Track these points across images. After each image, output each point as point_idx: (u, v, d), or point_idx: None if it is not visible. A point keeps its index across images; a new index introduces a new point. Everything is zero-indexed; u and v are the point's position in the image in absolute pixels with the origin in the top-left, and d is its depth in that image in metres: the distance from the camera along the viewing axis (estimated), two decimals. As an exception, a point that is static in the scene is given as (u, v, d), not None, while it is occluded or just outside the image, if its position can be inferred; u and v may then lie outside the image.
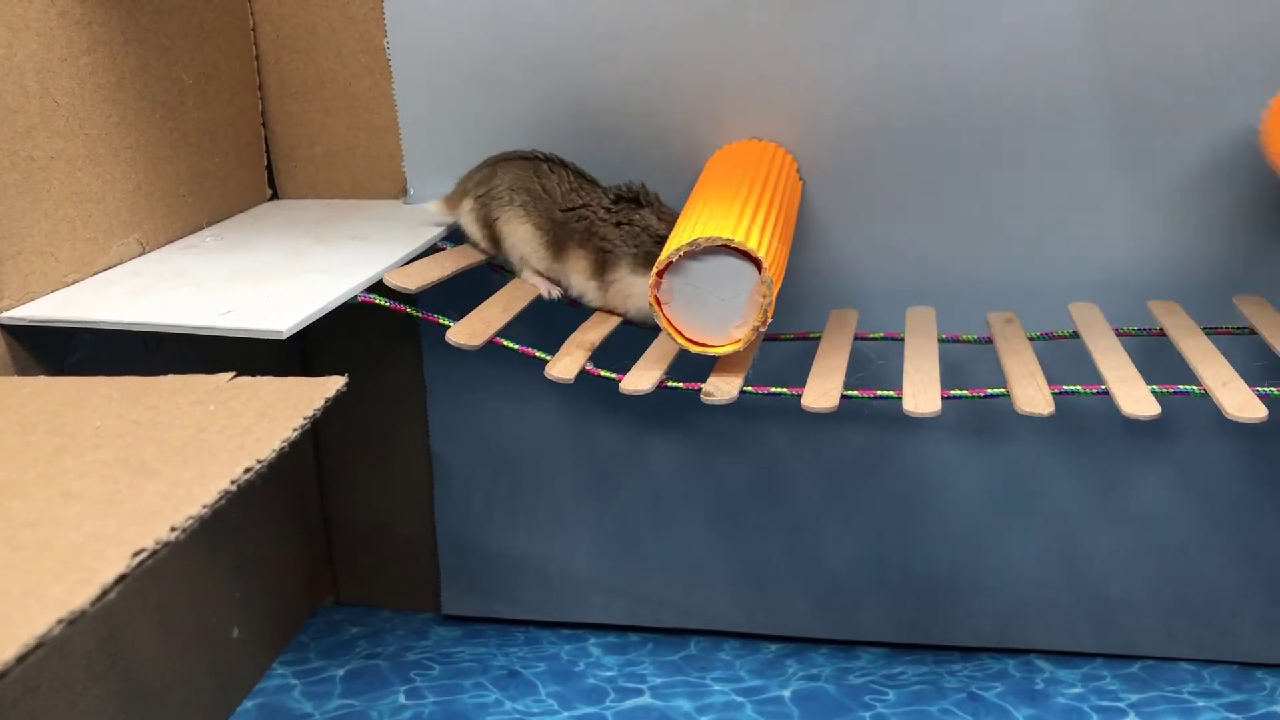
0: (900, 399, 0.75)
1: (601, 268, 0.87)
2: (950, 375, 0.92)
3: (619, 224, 0.86)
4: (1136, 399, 0.72)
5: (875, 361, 0.91)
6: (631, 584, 1.05)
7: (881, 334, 0.92)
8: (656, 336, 0.84)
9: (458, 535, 1.06)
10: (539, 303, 0.88)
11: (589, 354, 0.82)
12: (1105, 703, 0.93)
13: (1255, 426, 0.67)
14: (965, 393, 0.78)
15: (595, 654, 1.03)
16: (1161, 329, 0.84)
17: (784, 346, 0.94)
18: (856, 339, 0.89)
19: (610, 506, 1.03)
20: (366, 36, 0.94)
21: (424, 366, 1.02)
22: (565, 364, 0.80)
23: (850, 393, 0.78)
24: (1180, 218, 0.87)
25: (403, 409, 1.04)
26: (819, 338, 0.88)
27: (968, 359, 0.92)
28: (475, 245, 0.90)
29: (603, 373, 0.80)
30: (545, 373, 0.79)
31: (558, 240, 0.87)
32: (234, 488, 0.49)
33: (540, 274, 0.89)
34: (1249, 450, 0.92)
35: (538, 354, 0.82)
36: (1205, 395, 0.73)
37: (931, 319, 0.89)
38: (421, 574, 1.09)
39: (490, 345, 0.80)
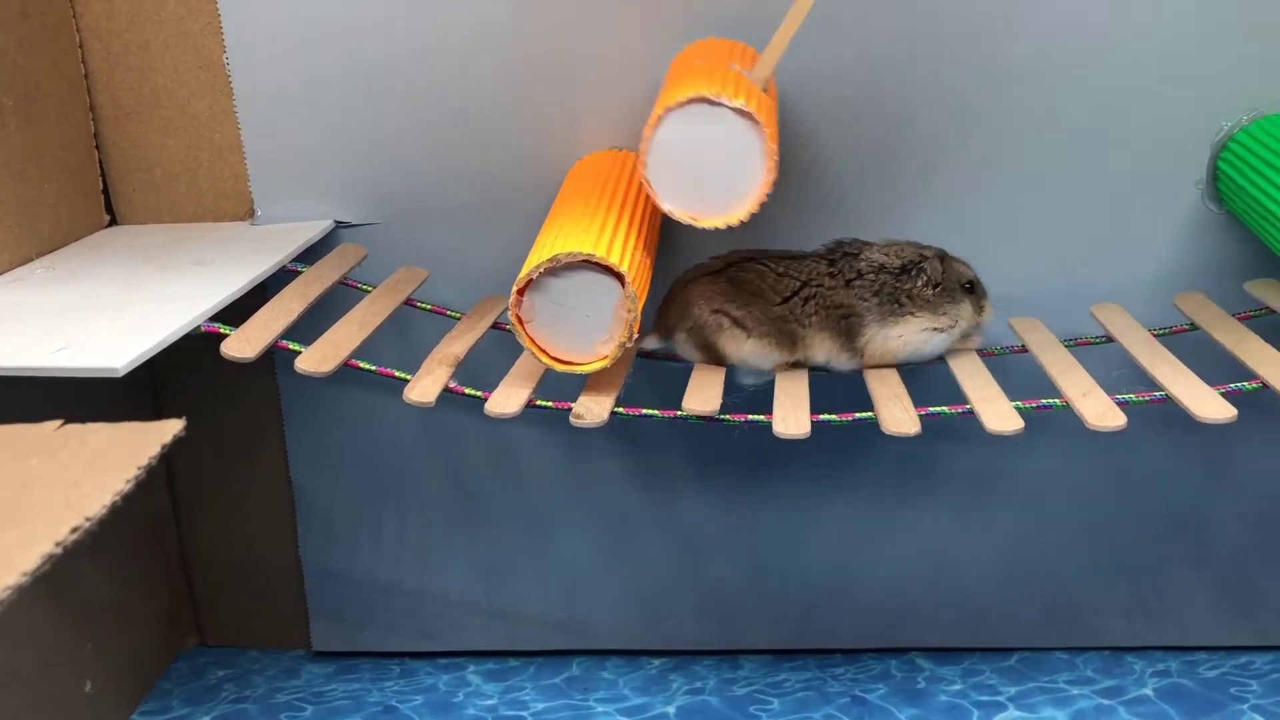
0: (770, 423, 0.75)
1: (849, 336, 0.83)
2: (822, 397, 0.92)
3: (849, 283, 0.82)
4: (1000, 416, 0.73)
5: (748, 386, 0.90)
6: (510, 606, 1.03)
7: None
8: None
9: (324, 567, 1.02)
10: (400, 316, 0.85)
11: (452, 370, 0.79)
12: (985, 697, 0.94)
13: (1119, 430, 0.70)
14: (834, 417, 0.78)
15: (475, 682, 1.00)
16: (1024, 345, 0.85)
17: (658, 365, 0.92)
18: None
19: (484, 527, 1.00)
20: (204, 52, 0.90)
21: (280, 394, 0.98)
22: (425, 385, 0.77)
23: (724, 417, 0.77)
24: (1018, 231, 0.89)
25: (260, 439, 1.00)
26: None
27: (836, 380, 0.92)
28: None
29: (468, 391, 0.78)
30: (404, 396, 0.76)
31: (786, 334, 0.83)
32: (60, 550, 0.45)
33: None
34: (1109, 452, 0.94)
35: (398, 374, 0.78)
36: (1067, 407, 0.74)
37: None
38: (288, 609, 1.04)
39: (347, 367, 0.77)
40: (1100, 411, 0.72)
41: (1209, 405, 0.70)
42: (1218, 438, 0.70)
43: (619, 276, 0.72)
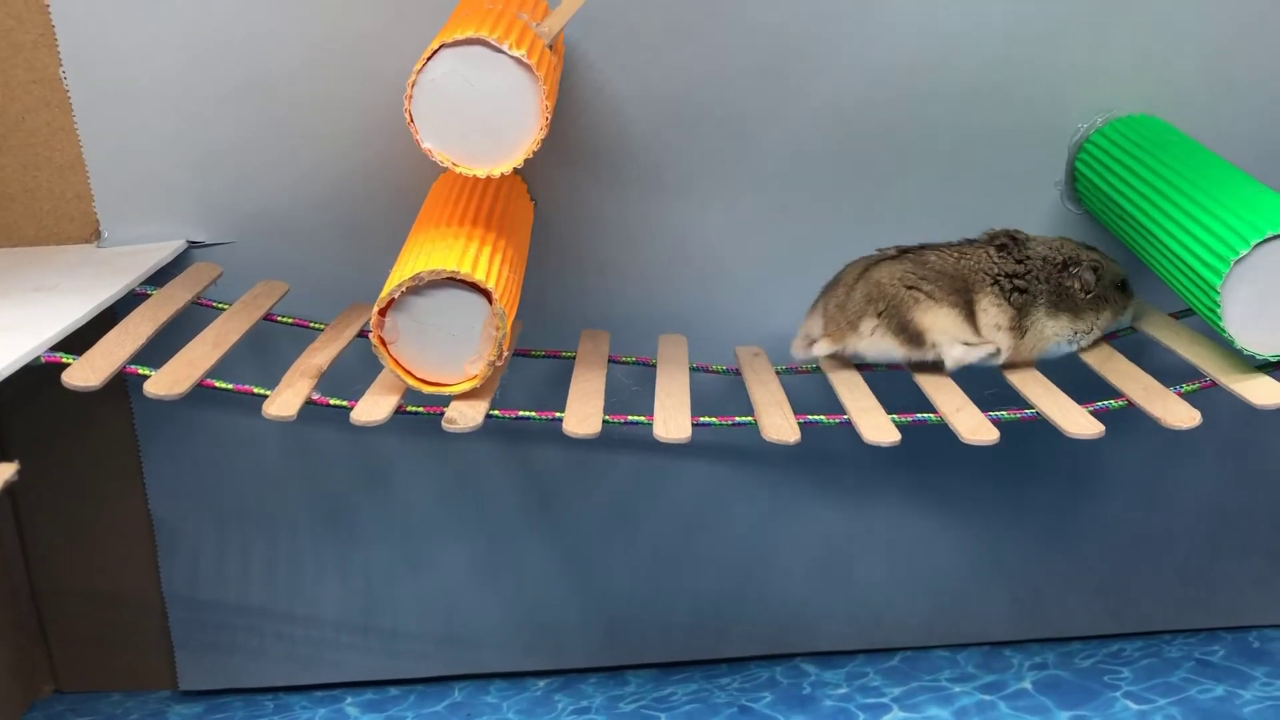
0: (651, 425, 0.73)
1: (1020, 312, 0.82)
2: (704, 403, 0.92)
3: (1020, 262, 0.82)
4: (877, 427, 0.74)
5: (630, 387, 0.89)
6: (388, 630, 0.99)
7: (634, 359, 0.89)
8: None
9: (189, 602, 0.97)
10: (261, 332, 0.81)
11: (315, 381, 0.75)
12: (870, 700, 0.94)
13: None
14: (715, 420, 0.77)
15: (352, 715, 0.96)
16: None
17: (535, 365, 0.91)
18: (610, 361, 0.86)
19: (357, 547, 0.97)
20: (39, 65, 0.85)
21: (135, 422, 0.93)
22: (286, 399, 0.73)
23: (605, 418, 0.76)
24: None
25: (116, 469, 0.94)
26: (573, 357, 0.85)
27: (721, 387, 0.92)
28: (885, 359, 0.84)
29: (332, 401, 0.74)
30: (263, 412, 0.72)
31: (970, 307, 0.82)
32: None
33: (970, 346, 0.82)
34: (984, 460, 0.95)
35: (256, 391, 0.75)
36: (942, 421, 0.75)
37: (683, 347, 0.88)
38: (152, 649, 0.99)
39: (203, 389, 0.73)
40: (973, 426, 0.73)
41: (1077, 421, 0.72)
42: (1087, 445, 0.73)
43: (486, 293, 0.70)
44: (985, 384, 0.83)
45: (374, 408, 0.72)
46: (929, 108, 0.87)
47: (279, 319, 0.87)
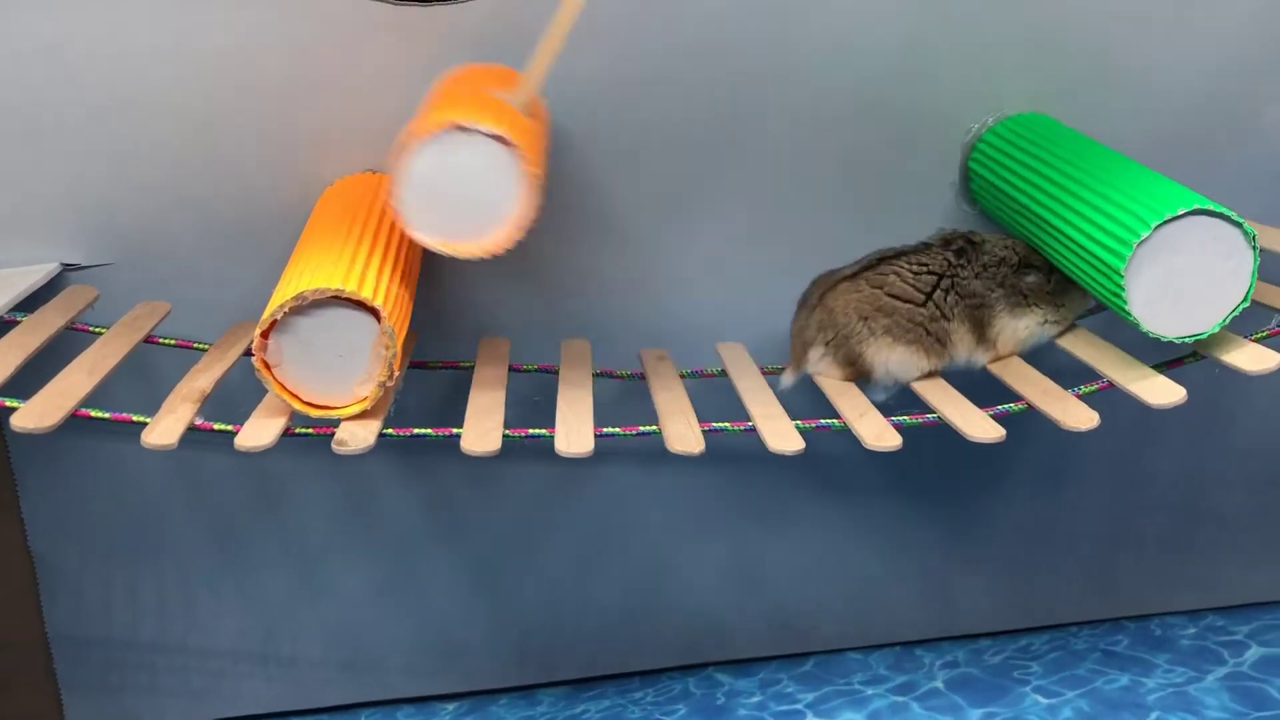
0: (553, 437, 0.72)
1: (980, 327, 0.81)
2: (610, 408, 0.90)
3: (977, 275, 0.81)
4: (782, 435, 0.73)
5: (531, 398, 0.87)
6: (289, 661, 0.96)
7: (535, 366, 0.87)
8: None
9: (75, 640, 0.93)
10: (143, 355, 0.78)
11: (198, 405, 0.72)
12: (784, 707, 0.94)
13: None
14: (619, 430, 0.76)
15: (253, 749, 0.93)
16: None
17: (432, 377, 0.88)
18: (510, 370, 0.84)
19: (252, 573, 0.94)
20: (-109, 79, 0.80)
21: (10, 453, 0.88)
22: (167, 426, 0.70)
23: (505, 432, 0.74)
24: (811, 262, 0.89)
25: (-8, 506, 0.90)
26: (471, 367, 0.83)
27: (626, 392, 0.90)
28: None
29: (217, 426, 0.71)
30: (143, 441, 0.68)
31: (935, 334, 0.81)
32: None
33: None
34: (891, 463, 0.96)
35: (136, 418, 0.71)
36: (846, 427, 0.75)
37: (586, 352, 0.86)
38: (37, 693, 0.94)
39: (77, 418, 0.69)
40: (877, 432, 0.73)
41: (978, 426, 0.73)
42: (991, 446, 0.74)
43: (374, 312, 0.67)
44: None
45: (260, 432, 0.69)
46: (825, 116, 0.87)
47: (161, 341, 0.84)
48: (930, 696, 0.94)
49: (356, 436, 0.69)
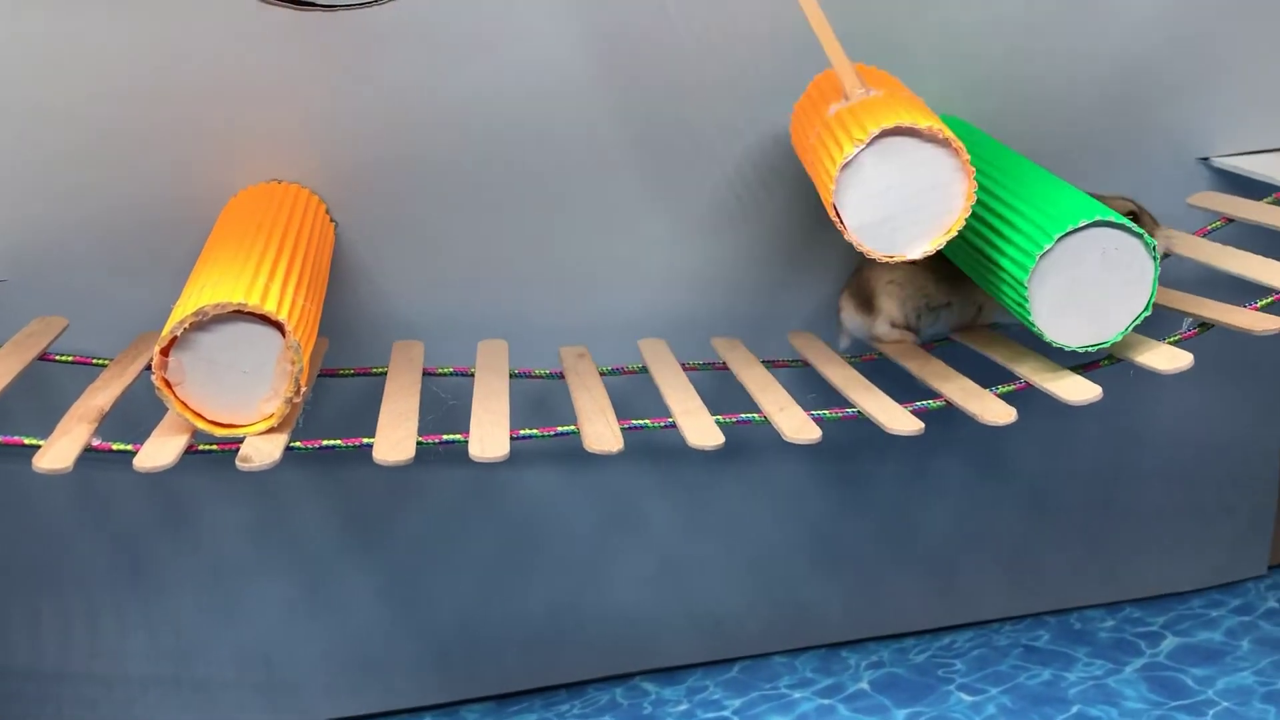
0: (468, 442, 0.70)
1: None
2: (531, 409, 0.89)
3: None
4: (701, 430, 0.72)
5: (447, 401, 0.85)
6: (203, 684, 0.93)
7: (451, 369, 0.86)
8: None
9: (-27, 673, 0.89)
10: (37, 371, 0.75)
11: (95, 425, 0.69)
12: (711, 714, 0.93)
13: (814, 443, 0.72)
14: (536, 432, 0.75)
15: (165, 778, 0.90)
16: (724, 362, 0.85)
17: (345, 384, 0.86)
18: (425, 374, 0.82)
19: (161, 597, 0.90)
20: None
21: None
22: (60, 449, 0.66)
23: (419, 439, 0.72)
24: (731, 257, 0.89)
25: (-121, 535, 0.86)
26: (384, 373, 0.81)
27: (546, 392, 0.89)
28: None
29: (116, 446, 0.68)
30: (34, 466, 0.65)
31: None
32: None
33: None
34: (811, 459, 0.96)
35: (27, 441, 0.68)
36: (766, 421, 0.74)
37: (503, 353, 0.84)
38: (-68, 727, 0.91)
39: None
40: (797, 426, 0.73)
41: (898, 419, 0.73)
42: (915, 442, 0.74)
43: (278, 326, 0.65)
44: (809, 388, 0.83)
45: (160, 451, 0.67)
46: (724, 126, 0.86)
47: (57, 358, 0.80)
48: (856, 698, 0.94)
49: (261, 452, 0.67)
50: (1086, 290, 0.72)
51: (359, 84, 0.81)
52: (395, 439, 0.70)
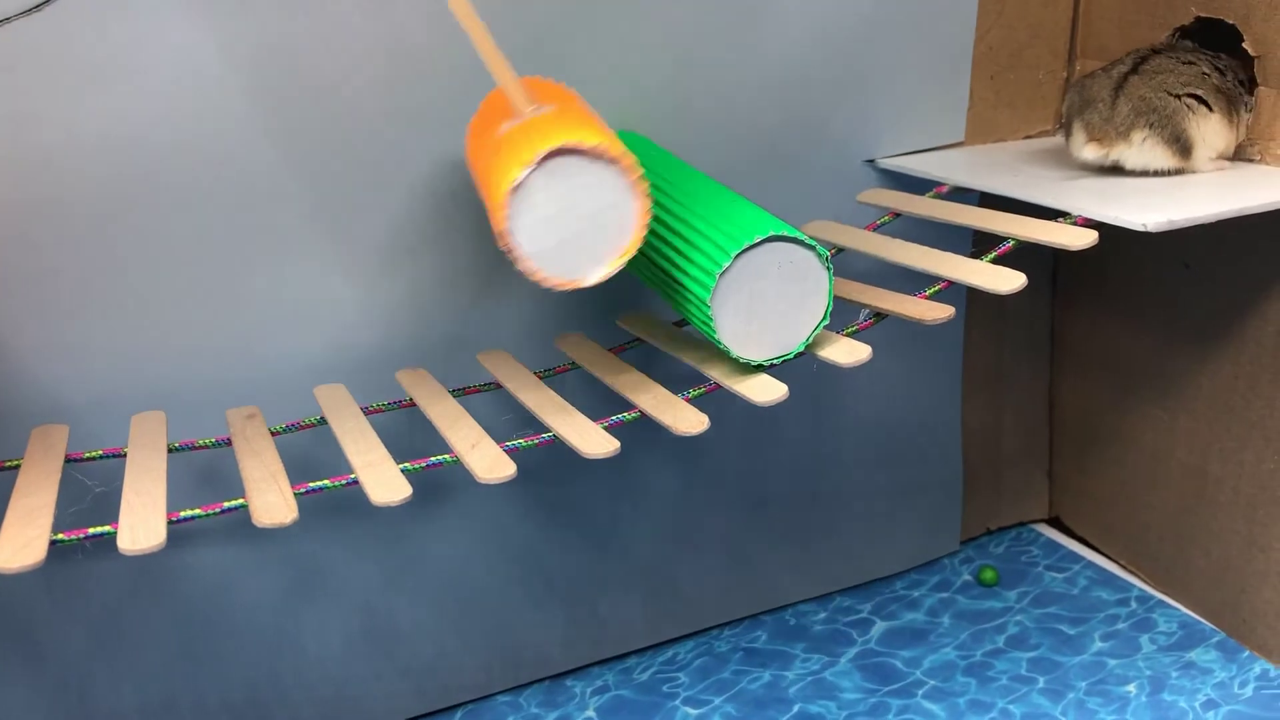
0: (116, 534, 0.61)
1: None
2: (198, 483, 0.81)
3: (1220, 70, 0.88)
4: (385, 484, 0.67)
5: (94, 489, 0.76)
6: None
7: (100, 451, 0.76)
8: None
9: None
10: None
11: None
12: (433, 770, 0.88)
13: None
14: (199, 511, 0.66)
15: None
16: (411, 399, 0.80)
17: None
18: (69, 461, 0.73)
19: None
20: None
21: None
22: None
23: (58, 537, 0.63)
24: (414, 286, 0.84)
25: None
26: (18, 466, 0.71)
27: (218, 460, 0.81)
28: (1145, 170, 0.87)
29: None
30: None
31: (1230, 101, 0.87)
32: None
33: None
34: (511, 487, 0.90)
35: None
36: (457, 462, 0.70)
37: (161, 425, 0.76)
38: None
39: None
40: (489, 464, 0.69)
41: (593, 441, 0.70)
42: (620, 461, 0.72)
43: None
44: (504, 408, 0.79)
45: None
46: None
47: None
48: (583, 729, 0.92)
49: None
50: (768, 304, 0.72)
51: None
52: (24, 540, 0.61)
